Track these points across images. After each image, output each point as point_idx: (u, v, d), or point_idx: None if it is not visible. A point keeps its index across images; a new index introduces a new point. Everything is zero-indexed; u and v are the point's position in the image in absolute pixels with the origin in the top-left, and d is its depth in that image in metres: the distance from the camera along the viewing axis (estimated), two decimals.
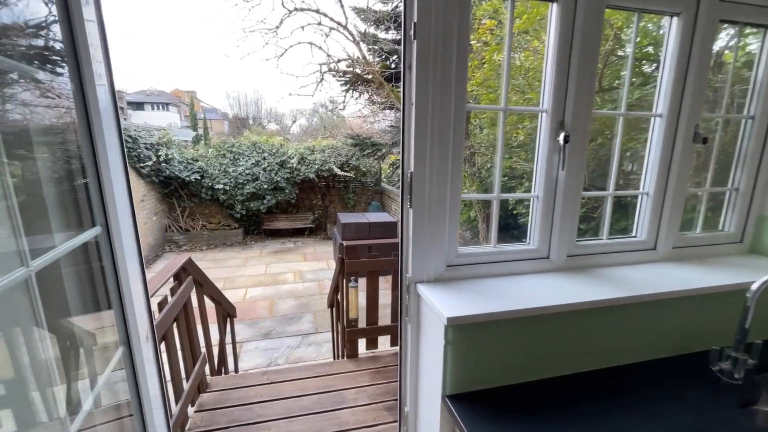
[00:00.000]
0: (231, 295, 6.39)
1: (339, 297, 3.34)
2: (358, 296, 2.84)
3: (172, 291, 2.19)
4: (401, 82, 1.22)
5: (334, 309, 3.77)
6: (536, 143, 1.42)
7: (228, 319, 3.53)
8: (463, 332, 1.15)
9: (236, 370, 3.83)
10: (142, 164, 7.69)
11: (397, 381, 1.52)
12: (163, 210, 9.26)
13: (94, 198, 0.94)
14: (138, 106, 38.84)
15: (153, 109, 39.72)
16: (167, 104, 40.71)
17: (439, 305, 1.16)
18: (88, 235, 0.90)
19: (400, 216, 1.35)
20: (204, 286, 2.79)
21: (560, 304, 1.19)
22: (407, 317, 1.41)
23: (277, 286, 6.85)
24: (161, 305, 1.99)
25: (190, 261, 2.48)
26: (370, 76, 4.59)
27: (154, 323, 1.73)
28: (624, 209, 2.16)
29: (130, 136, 7.27)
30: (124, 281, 1.01)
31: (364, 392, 2.62)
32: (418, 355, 1.42)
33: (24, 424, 0.69)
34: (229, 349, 3.67)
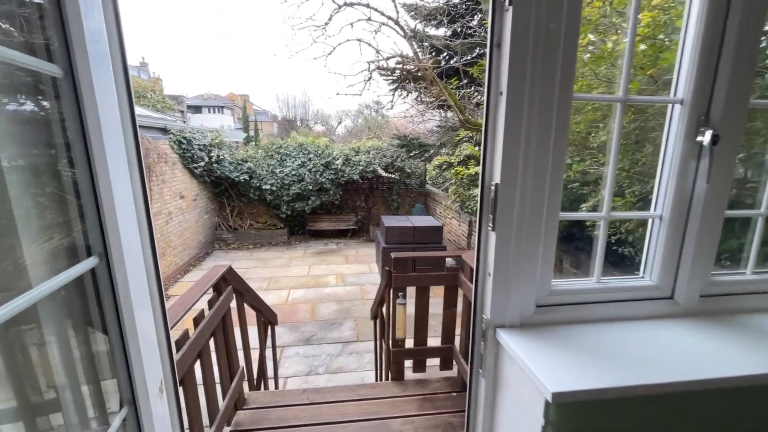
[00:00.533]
0: (274, 297, 6.40)
1: (384, 310, 3.10)
2: (406, 314, 2.57)
3: (210, 303, 2.05)
4: (487, 65, 0.92)
5: (377, 322, 3.53)
6: (663, 144, 1.06)
7: (269, 327, 3.40)
8: (572, 413, 0.83)
9: (276, 380, 3.71)
10: (195, 165, 7.98)
11: (450, 413, 1.23)
12: (214, 209, 9.59)
13: (88, 216, 0.72)
14: (196, 109, 41.56)
15: (209, 112, 42.33)
16: (222, 107, 43.17)
17: (536, 369, 0.85)
18: (74, 272, 0.68)
19: (477, 239, 1.05)
20: (245, 294, 2.65)
21: (727, 376, 0.83)
22: (481, 369, 1.10)
23: (319, 289, 6.76)
24: (197, 321, 1.83)
25: (230, 270, 2.34)
26: (420, 73, 4.34)
27: (182, 350, 1.57)
28: None
29: (185, 138, 7.56)
30: (129, 327, 0.78)
31: (412, 423, 2.33)
32: (492, 419, 1.11)
33: None
34: (269, 355, 3.56)
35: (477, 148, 3.74)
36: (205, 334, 1.86)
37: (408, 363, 2.82)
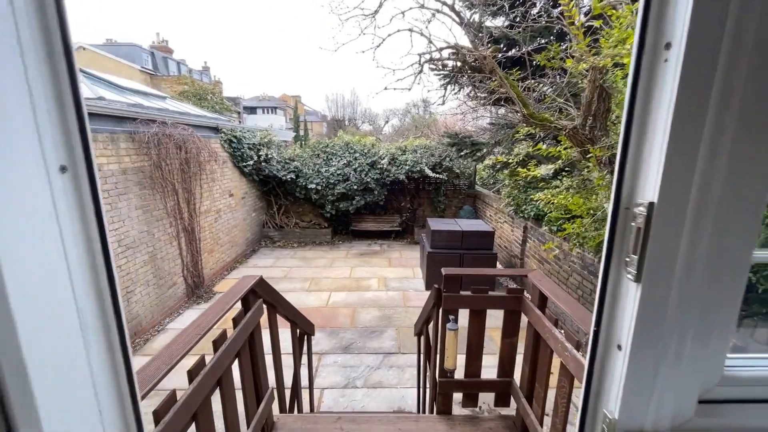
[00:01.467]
0: (315, 299, 6.25)
1: (431, 331, 2.74)
2: (457, 341, 2.19)
3: (235, 321, 1.82)
4: (640, 13, 0.53)
5: (422, 339, 3.17)
6: None
7: (305, 338, 3.18)
8: None
9: (311, 392, 3.48)
10: (244, 163, 8.11)
11: None
12: (262, 207, 9.75)
13: None
14: (252, 110, 43.66)
15: (264, 112, 44.29)
16: (275, 108, 44.96)
17: None
18: None
19: (598, 290, 0.67)
20: (278, 307, 2.41)
21: None
22: None
23: (361, 293, 6.52)
24: (216, 344, 1.60)
25: (261, 282, 2.11)
26: (477, 63, 3.93)
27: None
28: None
29: (235, 137, 7.70)
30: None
31: None
32: None
33: None
34: (304, 370, 3.34)
35: (544, 146, 3.24)
36: (226, 358, 1.62)
37: (457, 394, 2.44)
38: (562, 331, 1.69)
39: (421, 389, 3.07)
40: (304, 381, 3.42)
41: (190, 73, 32.84)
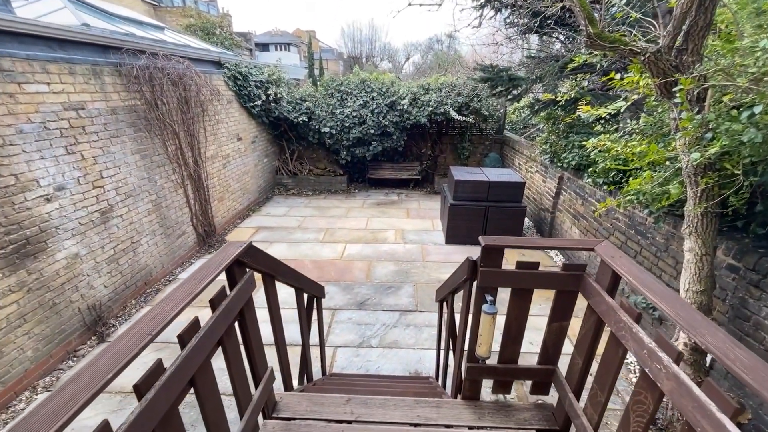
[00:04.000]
0: (329, 250, 5.96)
1: (456, 305, 2.34)
2: (494, 327, 1.76)
3: (214, 304, 1.42)
4: None
5: (444, 307, 2.79)
6: None
7: (314, 302, 2.84)
8: None
9: (322, 351, 3.24)
10: (252, 103, 7.47)
11: None
12: (274, 152, 9.25)
13: None
14: (264, 47, 41.39)
15: (277, 49, 41.93)
16: (289, 45, 42.46)
17: None
18: None
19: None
20: (276, 276, 2.02)
21: None
22: None
23: (377, 246, 6.18)
24: (183, 339, 1.21)
25: (251, 248, 1.68)
26: None
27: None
28: None
29: (240, 73, 6.98)
30: None
31: None
32: None
33: None
34: (314, 339, 3.07)
35: (619, 76, 2.53)
36: (198, 353, 1.24)
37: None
38: (649, 339, 1.21)
39: (441, 360, 2.75)
40: (315, 339, 3.18)
41: (196, 4, 30.75)
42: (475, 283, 1.76)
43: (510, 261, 5.49)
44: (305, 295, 2.61)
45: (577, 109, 3.37)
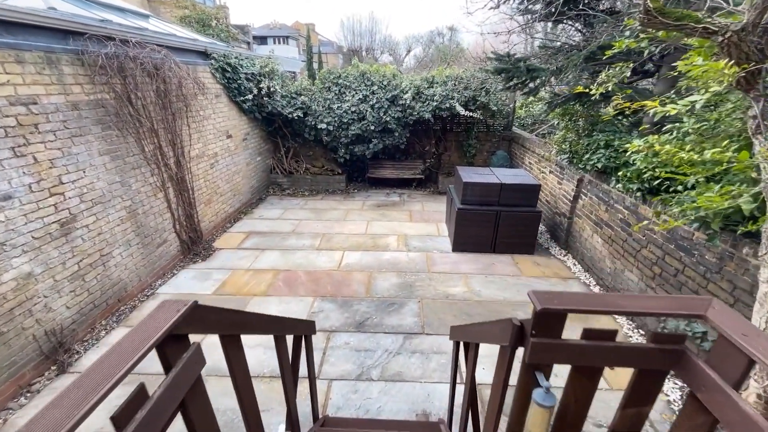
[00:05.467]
0: (326, 259, 5.45)
1: (487, 371, 1.81)
2: (550, 423, 1.23)
3: (128, 414, 0.89)
4: None
5: (461, 347, 2.27)
6: None
7: (302, 341, 2.32)
8: None
9: (313, 397, 2.73)
10: (243, 98, 6.91)
11: None
12: (268, 150, 8.70)
13: None
14: (262, 40, 40.57)
15: (275, 42, 41.12)
16: (287, 37, 41.64)
17: None
18: None
19: None
20: (240, 332, 1.49)
21: None
22: None
23: (378, 254, 5.67)
24: None
25: (195, 310, 1.14)
26: None
27: None
28: None
29: (229, 65, 6.41)
30: None
31: None
32: None
33: None
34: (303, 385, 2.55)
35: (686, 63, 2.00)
36: None
37: None
38: None
39: (457, 406, 2.24)
40: (303, 370, 2.66)
41: None
42: (524, 360, 1.23)
43: (525, 272, 4.95)
44: (289, 339, 2.09)
45: (616, 105, 2.83)
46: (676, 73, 2.74)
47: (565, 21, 5.27)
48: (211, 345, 1.55)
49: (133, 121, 4.33)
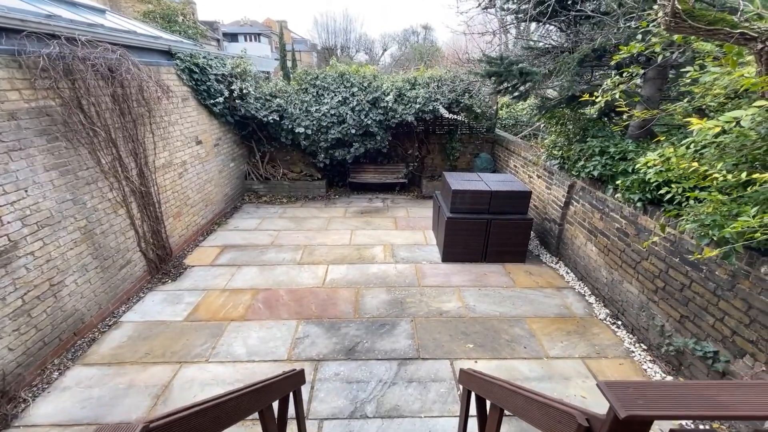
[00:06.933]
0: (308, 275, 5.09)
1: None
2: None
3: None
4: None
5: (472, 395, 2.00)
6: None
7: (289, 396, 1.98)
8: None
9: None
10: (213, 101, 6.40)
11: None
12: (242, 155, 8.19)
13: None
14: (233, 37, 39.18)
15: (246, 40, 39.78)
16: (259, 35, 40.41)
17: None
18: None
19: None
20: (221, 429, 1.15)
21: None
22: None
23: (364, 267, 5.35)
24: None
25: None
26: None
27: None
28: None
29: (197, 65, 5.89)
30: None
31: None
32: None
33: None
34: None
35: (695, 69, 1.80)
36: None
37: None
38: None
39: None
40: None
41: None
42: None
43: (519, 282, 4.65)
44: (275, 405, 1.75)
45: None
46: (688, 80, 2.57)
47: (551, 22, 5.11)
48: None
49: (86, 130, 3.82)
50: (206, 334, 3.93)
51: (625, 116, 3.11)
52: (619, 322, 4.03)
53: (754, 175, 1.81)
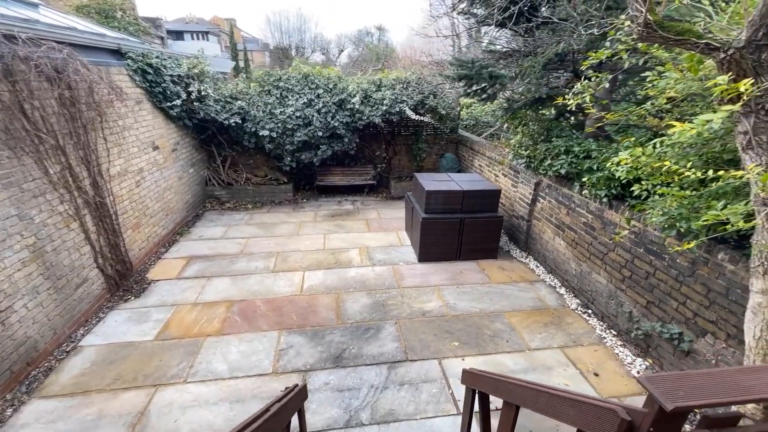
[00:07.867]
0: (285, 283, 4.93)
1: None
2: None
3: None
4: None
5: (476, 395, 2.04)
6: None
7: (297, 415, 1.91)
8: None
9: None
10: (169, 103, 6.00)
11: None
12: (202, 159, 7.76)
13: None
14: (178, 35, 37.03)
15: (193, 38, 37.75)
16: (207, 33, 38.53)
17: None
18: None
19: None
20: None
21: None
22: None
23: (341, 271, 5.28)
24: None
25: None
26: None
27: None
28: None
29: (150, 65, 5.48)
30: None
31: None
32: None
33: None
34: None
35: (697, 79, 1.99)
36: None
37: None
38: None
39: None
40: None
41: None
42: None
43: (493, 278, 4.77)
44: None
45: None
46: (649, 84, 2.80)
47: (513, 27, 5.34)
48: None
49: (30, 137, 3.43)
50: (181, 352, 3.68)
51: (572, 118, 3.35)
52: (590, 311, 4.30)
53: (720, 173, 2.01)
